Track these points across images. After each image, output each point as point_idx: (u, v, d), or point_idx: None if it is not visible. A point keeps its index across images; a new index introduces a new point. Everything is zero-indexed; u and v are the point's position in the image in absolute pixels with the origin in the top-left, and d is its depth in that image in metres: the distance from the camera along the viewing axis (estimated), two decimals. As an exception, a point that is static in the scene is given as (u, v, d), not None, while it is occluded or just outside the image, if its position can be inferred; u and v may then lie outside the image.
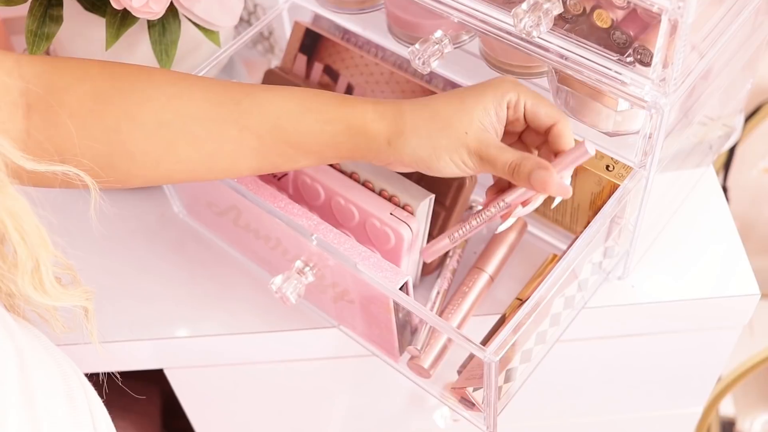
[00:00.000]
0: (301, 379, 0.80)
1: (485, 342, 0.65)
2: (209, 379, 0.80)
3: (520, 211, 0.58)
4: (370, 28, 0.73)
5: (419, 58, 0.64)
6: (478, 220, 0.59)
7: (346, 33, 0.75)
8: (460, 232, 0.59)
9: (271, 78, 0.77)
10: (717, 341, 0.76)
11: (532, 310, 0.56)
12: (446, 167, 0.56)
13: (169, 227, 0.80)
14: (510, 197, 0.57)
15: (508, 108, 0.57)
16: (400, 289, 0.60)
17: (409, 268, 0.66)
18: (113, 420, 1.13)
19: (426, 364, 0.65)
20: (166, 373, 0.78)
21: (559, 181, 0.55)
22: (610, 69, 0.57)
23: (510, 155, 0.55)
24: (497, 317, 0.69)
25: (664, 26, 0.51)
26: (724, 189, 1.36)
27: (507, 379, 0.62)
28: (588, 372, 0.81)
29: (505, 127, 0.58)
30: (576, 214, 0.71)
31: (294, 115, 0.57)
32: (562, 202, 0.71)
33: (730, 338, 0.76)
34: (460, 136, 0.56)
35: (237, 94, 0.58)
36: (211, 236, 0.78)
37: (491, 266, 0.70)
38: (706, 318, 0.73)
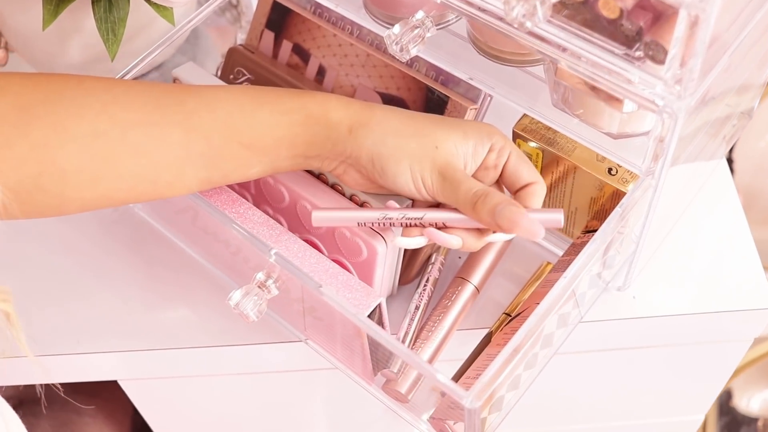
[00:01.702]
0: (270, 390, 0.74)
1: (467, 367, 0.58)
2: (170, 390, 0.74)
3: (434, 236, 0.52)
4: (345, 3, 0.65)
5: (397, 44, 0.56)
6: (398, 217, 0.52)
7: (318, 7, 0.66)
8: (369, 217, 0.53)
9: (234, 56, 0.69)
10: (725, 353, 0.70)
11: (520, 346, 0.49)
12: (401, 175, 0.51)
13: (125, 222, 0.72)
14: (450, 217, 0.52)
15: (491, 151, 0.52)
16: (372, 313, 0.53)
17: (383, 282, 0.59)
18: (80, 406, 1.07)
19: (403, 388, 0.58)
20: (121, 384, 0.71)
21: (530, 220, 0.49)
22: (614, 65, 0.48)
23: (476, 183, 0.50)
24: (483, 332, 0.62)
25: (682, 21, 0.43)
26: (730, 161, 1.29)
27: (492, 410, 0.56)
28: (582, 382, 0.75)
29: (477, 172, 0.53)
30: (573, 218, 0.63)
31: (247, 110, 0.52)
32: (560, 203, 0.63)
33: (740, 350, 0.69)
34: (429, 148, 0.51)
35: (181, 94, 0.52)
36: (169, 234, 0.70)
37: (477, 276, 0.62)
38: (715, 332, 0.66)
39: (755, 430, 1.37)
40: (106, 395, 1.05)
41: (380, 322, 0.56)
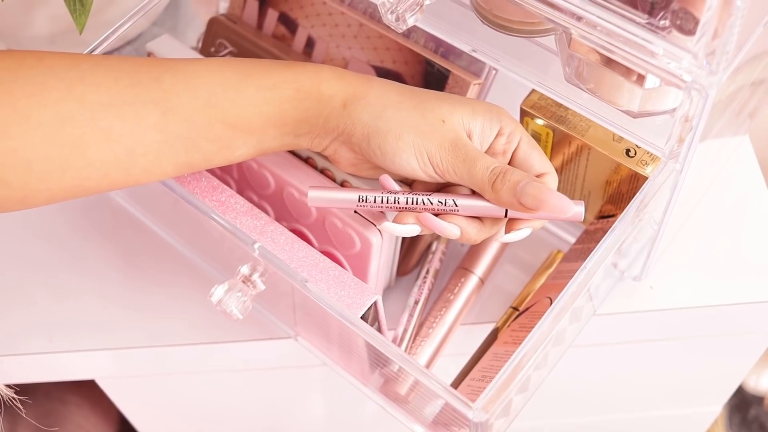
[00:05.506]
0: (258, 388, 0.69)
1: (471, 366, 0.54)
2: (152, 389, 0.69)
3: (429, 221, 0.46)
4: (335, -33, 0.59)
5: (392, 13, 0.50)
6: (410, 201, 0.46)
7: (306, -28, 0.61)
8: (378, 200, 0.46)
9: (215, 27, 0.63)
10: (747, 345, 0.65)
11: (530, 352, 0.44)
12: (403, 152, 0.46)
13: (101, 208, 0.67)
14: (462, 201, 0.46)
15: (500, 135, 0.47)
16: (366, 312, 0.48)
17: (379, 275, 0.54)
18: (64, 395, 1.02)
19: (403, 389, 0.53)
20: (99, 383, 0.67)
21: (559, 196, 0.44)
22: (636, 35, 0.43)
23: (493, 160, 0.45)
24: (489, 327, 0.57)
25: (718, -15, 0.37)
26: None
27: (499, 417, 0.51)
28: (595, 374, 0.70)
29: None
30: (586, 202, 0.58)
31: (231, 85, 0.47)
32: (571, 186, 0.58)
33: (763, 342, 0.64)
34: (434, 122, 0.46)
35: (155, 70, 0.47)
36: (149, 222, 0.65)
37: (481, 266, 0.58)
38: (737, 323, 0.61)
39: (764, 409, 1.33)
40: (92, 382, 1.01)
41: (376, 322, 0.51)
